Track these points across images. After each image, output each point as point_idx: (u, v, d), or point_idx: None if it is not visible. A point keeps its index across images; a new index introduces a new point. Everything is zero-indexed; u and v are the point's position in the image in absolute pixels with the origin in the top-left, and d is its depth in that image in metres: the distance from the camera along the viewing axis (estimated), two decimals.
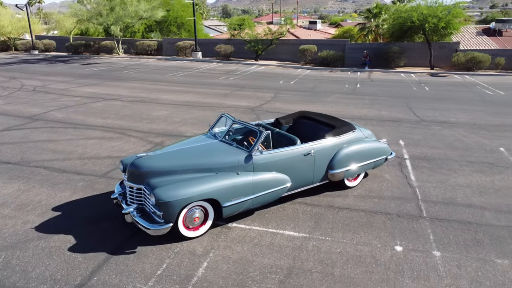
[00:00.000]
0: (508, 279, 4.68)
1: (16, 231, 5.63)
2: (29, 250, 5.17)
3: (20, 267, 4.83)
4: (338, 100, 14.90)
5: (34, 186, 7.11)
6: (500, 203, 6.62)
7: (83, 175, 7.59)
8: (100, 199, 6.64)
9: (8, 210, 6.22)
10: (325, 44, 26.43)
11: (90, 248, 5.23)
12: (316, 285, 4.55)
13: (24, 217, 6.00)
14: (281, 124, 7.65)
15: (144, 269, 4.81)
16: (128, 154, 8.66)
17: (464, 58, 22.89)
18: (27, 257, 5.03)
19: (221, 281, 4.62)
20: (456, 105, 14.23)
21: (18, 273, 4.72)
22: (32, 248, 5.22)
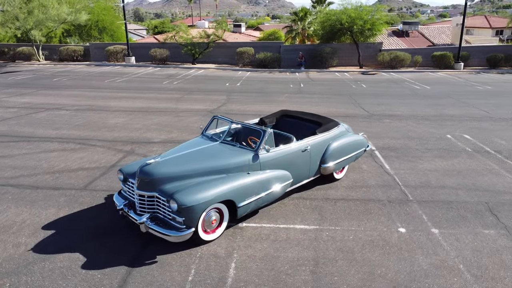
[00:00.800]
0: (500, 246, 5.37)
1: (11, 255, 5.10)
2: (36, 274, 4.73)
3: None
4: (290, 100, 15.44)
5: (9, 206, 6.44)
6: (467, 182, 7.49)
7: (61, 190, 7.04)
8: (91, 213, 6.24)
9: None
10: (261, 46, 27.07)
11: (104, 263, 4.94)
12: (345, 271, 4.81)
13: (12, 240, 5.44)
14: (266, 124, 7.82)
15: (173, 277, 4.68)
16: (100, 165, 8.21)
17: (389, 57, 25.02)
18: (37, 281, 4.60)
19: (256, 278, 4.67)
20: (395, 100, 15.56)
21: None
22: (39, 271, 4.78)
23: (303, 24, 36.68)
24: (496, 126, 11.62)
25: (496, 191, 7.12)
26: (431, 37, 53.10)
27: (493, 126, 11.61)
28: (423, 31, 55.26)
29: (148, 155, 8.79)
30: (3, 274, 4.73)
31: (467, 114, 13.12)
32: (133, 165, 5.94)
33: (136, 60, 27.79)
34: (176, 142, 9.77)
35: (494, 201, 6.71)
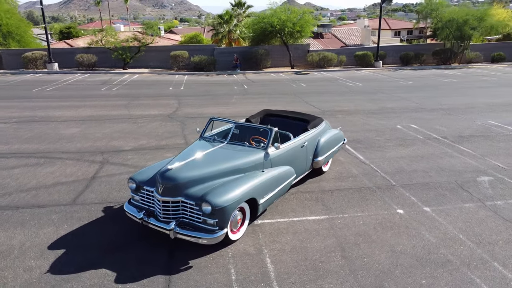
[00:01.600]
0: (482, 215, 6.25)
1: (27, 280, 4.67)
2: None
3: None
4: (241, 101, 15.69)
5: None
6: (432, 165, 8.46)
7: (47, 207, 6.50)
8: (96, 227, 5.90)
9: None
10: (194, 49, 26.88)
11: (138, 275, 4.77)
12: (370, 252, 5.24)
13: (20, 265, 4.97)
14: (264, 121, 8.06)
15: (216, 279, 4.70)
16: (78, 178, 7.71)
17: (317, 57, 26.53)
18: None
19: (296, 269, 4.89)
20: (337, 97, 16.67)
21: None
22: None
23: (228, 26, 37.10)
24: (432, 116, 13.12)
25: (458, 170, 8.17)
26: (343, 39, 57.03)
27: (429, 116, 13.09)
28: (336, 33, 59.12)
29: (127, 164, 8.46)
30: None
31: (403, 107, 14.58)
32: (145, 172, 5.76)
33: (60, 67, 25.79)
34: (148, 149, 9.50)
35: (460, 179, 7.71)
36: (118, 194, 6.98)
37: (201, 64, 25.03)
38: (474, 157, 8.95)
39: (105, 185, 7.37)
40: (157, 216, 5.36)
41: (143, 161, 8.62)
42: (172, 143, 9.97)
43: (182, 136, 10.61)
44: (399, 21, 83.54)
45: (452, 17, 28.72)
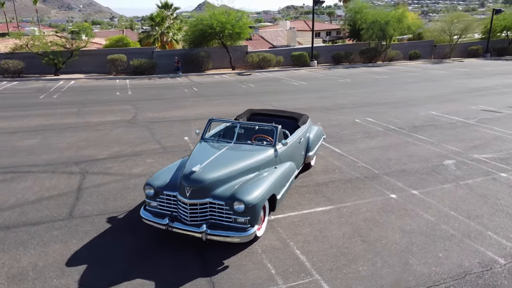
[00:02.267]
0: (462, 193, 7.07)
1: None
2: None
3: None
4: (199, 103, 15.57)
5: None
6: (401, 153, 9.28)
7: (42, 224, 6.04)
8: (110, 238, 5.64)
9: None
10: (132, 52, 25.86)
11: (177, 281, 4.71)
12: (385, 234, 5.71)
13: (44, 286, 4.62)
14: (250, 118, 8.21)
15: (259, 275, 4.82)
16: (63, 191, 7.23)
17: (257, 58, 27.12)
18: None
19: (326, 257, 5.17)
20: (289, 95, 17.28)
21: None
22: None
23: (161, 29, 36.30)
24: (381, 109, 14.25)
25: (424, 156, 9.07)
26: (270, 40, 58.56)
27: (379, 109, 14.20)
28: (263, 35, 60.46)
29: (110, 173, 8.09)
30: None
31: (353, 102, 15.60)
32: (160, 177, 5.62)
33: None
34: (126, 156, 9.15)
35: (430, 164, 8.59)
36: (115, 204, 6.70)
37: (142, 67, 24.23)
38: (433, 144, 9.98)
39: (97, 196, 7.01)
40: (182, 220, 5.29)
41: (126, 169, 8.29)
42: (148, 148, 9.69)
43: (155, 141, 10.33)
44: (318, 23, 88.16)
45: (375, 19, 31.13)
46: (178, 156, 9.01)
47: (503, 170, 8.19)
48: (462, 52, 37.75)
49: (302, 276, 4.78)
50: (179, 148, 9.70)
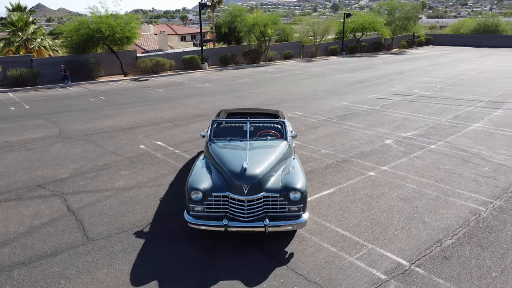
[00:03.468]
0: (420, 164, 8.65)
1: None
2: None
3: None
4: (122, 112, 14.68)
5: (80, 280, 4.63)
6: (348, 138, 10.64)
7: (64, 252, 5.42)
8: (155, 253, 5.44)
9: None
10: (6, 62, 22.33)
11: (261, 275, 4.94)
12: (391, 203, 6.78)
13: None
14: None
15: (326, 255, 5.34)
16: (53, 217, 6.49)
17: (150, 63, 26.31)
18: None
19: (364, 229, 5.97)
20: (207, 97, 17.52)
21: None
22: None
23: (24, 34, 32.02)
24: (299, 103, 15.67)
25: (367, 139, 10.58)
26: (142, 45, 56.72)
27: (298, 104, 15.60)
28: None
29: (90, 190, 7.43)
30: None
31: (270, 99, 16.72)
32: (200, 181, 5.57)
33: None
34: (93, 171, 8.44)
35: (377, 145, 10.10)
36: (129, 219, 6.34)
37: (23, 78, 21.26)
38: (365, 128, 11.64)
39: (100, 215, 6.48)
40: (237, 218, 5.43)
41: (106, 184, 7.71)
42: (111, 161, 9.04)
43: (111, 153, 9.65)
44: (182, 26, 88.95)
45: (256, 22, 33.16)
46: (151, 165, 8.72)
47: (430, 143, 10.17)
48: (324, 51, 42.67)
49: (359, 248, 5.47)
50: (145, 157, 9.30)
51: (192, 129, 11.80)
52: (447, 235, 5.74)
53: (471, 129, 11.48)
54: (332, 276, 4.84)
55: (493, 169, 8.33)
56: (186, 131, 11.65)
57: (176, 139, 10.82)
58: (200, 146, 10.06)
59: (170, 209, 6.69)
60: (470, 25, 61.11)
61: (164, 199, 7.08)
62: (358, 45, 44.45)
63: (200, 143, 10.29)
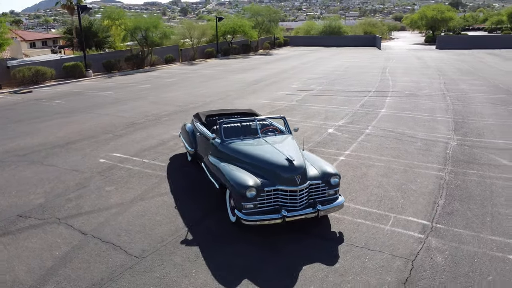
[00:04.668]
0: (373, 145, 10.15)
1: None
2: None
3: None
4: (35, 128, 12.91)
5: None
6: (301, 128, 11.67)
7: (123, 273, 5.08)
8: (226, 257, 5.50)
9: None
10: None
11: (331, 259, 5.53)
12: (390, 180, 7.99)
13: None
14: (207, 124, 8.56)
15: (370, 228, 6.17)
16: (72, 246, 5.87)
17: (29, 72, 23.17)
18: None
19: (390, 201, 7.01)
20: (119, 106, 16.55)
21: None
22: None
23: None
24: (226, 103, 16.16)
25: (314, 129, 11.78)
26: None
27: (226, 104, 16.06)
28: None
29: (86, 212, 6.84)
30: None
31: (194, 102, 16.76)
32: (246, 179, 5.83)
33: None
34: (69, 192, 7.64)
35: (326, 133, 11.36)
36: (161, 230, 6.18)
37: None
38: (303, 121, 12.84)
39: (127, 233, 6.12)
40: (290, 208, 5.85)
41: (99, 203, 7.14)
42: (82, 178, 8.25)
43: (72, 170, 8.73)
44: (31, 32, 79.58)
45: (137, 25, 31.98)
46: (132, 177, 8.34)
47: (363, 128, 11.89)
48: (201, 54, 43.35)
49: (386, 218, 6.44)
50: (116, 170, 8.72)
51: (139, 138, 11.31)
52: (437, 197, 7.17)
53: (382, 114, 13.73)
54: (386, 243, 5.71)
55: (424, 143, 10.35)
56: (135, 140, 11.11)
57: (132, 149, 10.30)
58: (163, 153, 9.84)
59: (194, 214, 6.67)
60: (318, 28, 69.43)
61: (179, 206, 6.96)
62: (231, 47, 46.43)
63: (161, 150, 10.05)
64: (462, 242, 5.68)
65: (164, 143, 10.73)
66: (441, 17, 66.23)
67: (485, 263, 5.17)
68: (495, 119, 12.88)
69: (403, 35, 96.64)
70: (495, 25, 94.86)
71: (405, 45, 62.21)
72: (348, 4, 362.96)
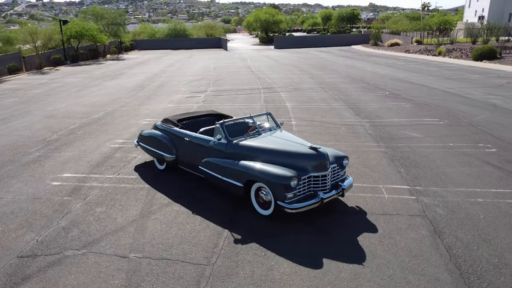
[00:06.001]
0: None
1: None
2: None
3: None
4: None
5: None
6: None
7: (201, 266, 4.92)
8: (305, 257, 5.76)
9: None
10: None
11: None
12: None
13: None
14: (184, 126, 8.42)
15: (384, 199, 7.22)
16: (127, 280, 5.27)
17: None
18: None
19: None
20: (13, 122, 13.92)
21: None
22: None
23: None
24: (134, 109, 15.24)
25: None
26: None
27: (130, 112, 15.13)
28: None
29: (98, 237, 6.09)
30: None
31: (95, 109, 15.24)
32: (281, 172, 6.20)
33: None
34: (55, 222, 6.54)
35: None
36: (203, 235, 5.99)
37: None
38: None
39: (174, 245, 5.74)
40: (321, 191, 6.46)
41: (105, 224, 6.37)
42: (56, 204, 7.02)
43: (33, 198, 7.30)
44: None
45: None
46: (116, 195, 7.59)
47: (287, 120, 13.05)
48: (48, 61, 38.28)
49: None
50: (85, 191, 7.69)
51: (75, 155, 9.88)
52: (395, 166, 8.74)
53: (291, 107, 15.20)
54: (396, 207, 6.86)
55: (347, 128, 12.08)
56: (72, 157, 9.70)
57: (79, 167, 9.06)
58: (119, 166, 9.06)
59: (219, 215, 6.62)
60: (164, 31, 69.04)
61: (196, 211, 6.78)
62: (78, 53, 42.47)
63: (114, 163, 9.19)
64: (442, 196, 7.25)
65: (110, 157, 9.77)
66: (273, 20, 73.80)
67: (469, 207, 6.79)
68: (376, 103, 15.73)
69: (235, 37, 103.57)
70: (311, 26, 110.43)
71: (245, 46, 67.07)
72: (175, 7, 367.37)
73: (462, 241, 5.71)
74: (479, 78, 22.32)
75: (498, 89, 18.72)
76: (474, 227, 6.10)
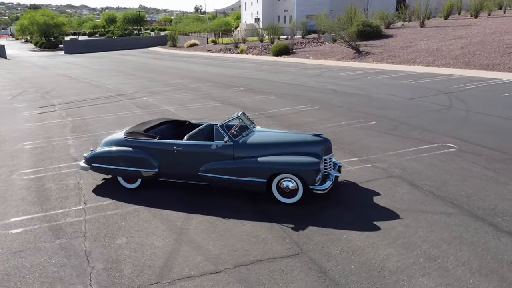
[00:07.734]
0: None
1: None
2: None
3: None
4: None
5: None
6: None
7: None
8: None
9: None
10: None
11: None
12: None
13: None
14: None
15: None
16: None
17: None
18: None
19: None
20: None
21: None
22: None
23: None
24: None
25: None
26: None
27: None
28: None
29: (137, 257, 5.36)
30: None
31: None
32: (304, 158, 6.82)
33: None
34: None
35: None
36: (267, 235, 6.02)
37: None
38: None
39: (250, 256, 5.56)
40: (329, 172, 7.31)
41: (145, 255, 5.50)
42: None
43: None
44: None
45: None
46: (123, 221, 6.49)
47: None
48: None
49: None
50: (81, 225, 6.13)
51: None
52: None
53: (170, 111, 14.99)
54: (384, 171, 8.33)
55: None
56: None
57: (21, 207, 6.96)
58: (67, 196, 7.45)
59: (257, 215, 6.60)
60: None
61: (228, 216, 6.55)
62: None
63: (59, 195, 7.48)
64: (385, 160, 9.13)
65: (44, 189, 7.75)
66: (53, 22, 66.05)
67: (408, 164, 8.83)
68: (245, 98, 17.11)
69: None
70: (92, 29, 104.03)
71: (25, 53, 58.52)
72: None
73: (436, 185, 7.60)
74: (296, 70, 26.58)
75: (320, 77, 22.93)
76: (428, 176, 8.12)
